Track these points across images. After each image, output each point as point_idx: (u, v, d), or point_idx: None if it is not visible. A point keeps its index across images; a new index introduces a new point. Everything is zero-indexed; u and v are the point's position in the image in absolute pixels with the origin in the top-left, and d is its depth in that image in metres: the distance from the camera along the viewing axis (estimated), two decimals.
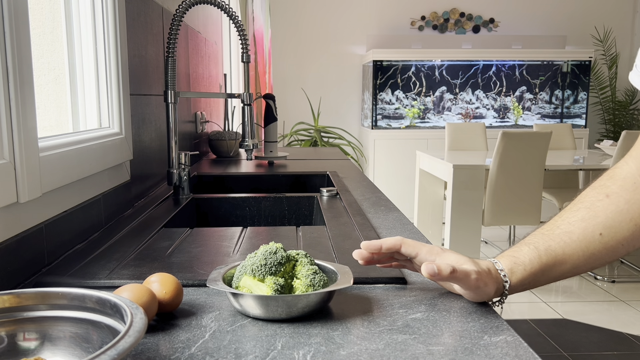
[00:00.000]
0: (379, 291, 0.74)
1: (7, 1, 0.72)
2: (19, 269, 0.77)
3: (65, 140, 0.95)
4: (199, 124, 2.15)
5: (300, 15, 5.15)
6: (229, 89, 3.32)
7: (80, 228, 0.99)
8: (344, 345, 0.58)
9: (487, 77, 4.94)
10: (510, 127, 4.97)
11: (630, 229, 0.69)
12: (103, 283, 0.76)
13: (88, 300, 0.54)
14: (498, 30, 5.23)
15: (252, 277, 0.67)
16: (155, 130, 1.50)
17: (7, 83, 0.73)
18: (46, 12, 1.05)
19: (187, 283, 0.77)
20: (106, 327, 0.52)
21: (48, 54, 1.05)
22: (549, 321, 2.86)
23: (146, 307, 0.61)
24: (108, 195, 1.14)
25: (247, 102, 1.50)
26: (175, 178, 1.42)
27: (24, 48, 0.76)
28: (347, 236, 1.02)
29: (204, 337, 0.60)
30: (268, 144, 2.12)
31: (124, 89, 1.21)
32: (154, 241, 0.99)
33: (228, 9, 1.39)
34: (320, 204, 1.34)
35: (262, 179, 1.84)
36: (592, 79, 5.22)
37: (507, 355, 0.56)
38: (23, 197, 0.76)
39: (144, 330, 0.46)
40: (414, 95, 4.93)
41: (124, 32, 1.22)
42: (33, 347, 0.53)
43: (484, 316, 0.66)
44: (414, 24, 5.19)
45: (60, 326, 0.54)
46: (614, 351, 2.53)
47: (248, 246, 0.97)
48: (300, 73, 5.23)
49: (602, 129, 5.41)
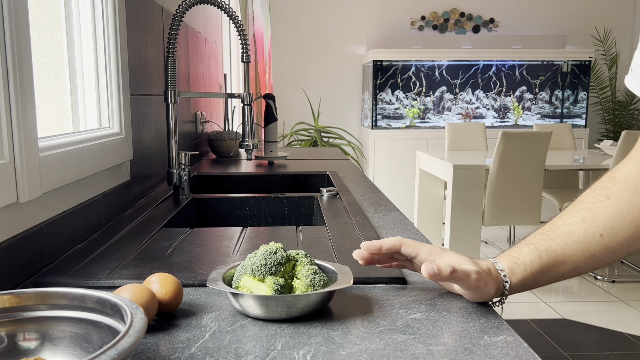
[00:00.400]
0: (379, 291, 0.74)
1: (7, 1, 0.72)
2: (19, 269, 0.77)
3: (65, 140, 0.95)
4: (199, 124, 2.15)
5: (300, 15, 5.15)
6: (229, 89, 3.32)
7: (80, 228, 0.99)
8: (344, 345, 0.58)
9: (487, 77, 4.94)
10: (510, 127, 4.97)
11: (630, 230, 0.69)
12: (103, 283, 0.76)
13: (88, 300, 0.54)
14: (498, 30, 5.23)
15: (252, 277, 0.67)
16: (155, 130, 1.50)
17: (7, 83, 0.73)
18: (46, 12, 1.05)
19: (187, 283, 0.77)
20: (106, 327, 0.52)
21: (48, 54, 1.05)
22: (549, 321, 2.86)
23: (146, 307, 0.61)
24: (108, 195, 1.14)
25: (247, 102, 1.50)
26: (175, 178, 1.42)
27: (24, 48, 0.76)
28: (347, 236, 1.02)
29: (204, 337, 0.60)
30: (268, 144, 2.12)
31: (124, 89, 1.21)
32: (154, 241, 0.99)
33: (228, 9, 1.39)
34: (320, 204, 1.34)
35: (262, 179, 1.84)
36: (592, 79, 5.22)
37: (507, 355, 0.56)
38: (23, 197, 0.76)
39: (144, 330, 0.46)
40: (414, 95, 4.93)
41: (124, 32, 1.22)
42: (33, 347, 0.53)
43: (484, 316, 0.66)
44: (414, 24, 5.19)
45: (61, 326, 0.54)
46: (614, 351, 2.53)
47: (248, 246, 0.97)
48: (300, 73, 5.23)
49: (602, 129, 5.41)
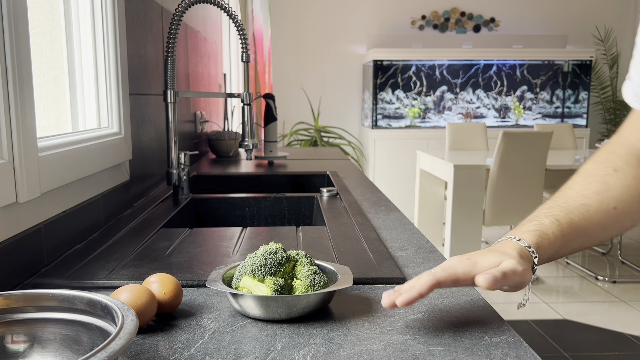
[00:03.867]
0: (379, 291, 0.74)
1: (6, 1, 0.72)
2: (18, 269, 0.77)
3: (64, 140, 0.95)
4: (199, 124, 2.15)
5: (300, 15, 5.14)
6: (229, 88, 3.31)
7: (79, 228, 0.98)
8: (344, 346, 0.58)
9: (487, 77, 4.94)
10: (511, 127, 4.96)
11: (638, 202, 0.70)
12: (102, 283, 0.76)
13: (78, 301, 0.53)
14: (499, 30, 5.23)
15: (252, 277, 0.67)
16: (155, 130, 1.50)
17: (7, 82, 0.73)
18: (45, 11, 1.05)
19: (187, 283, 0.76)
20: (97, 329, 0.51)
21: (47, 54, 1.04)
22: (549, 322, 2.86)
23: (145, 307, 0.60)
24: (107, 195, 1.13)
25: (247, 102, 1.50)
26: (175, 178, 1.42)
27: (23, 47, 0.76)
28: (347, 236, 1.01)
29: (204, 337, 0.60)
30: (268, 143, 2.11)
31: (123, 89, 1.21)
32: (153, 241, 0.99)
33: (228, 8, 1.38)
34: (320, 204, 1.34)
35: (261, 179, 1.83)
36: (593, 78, 5.22)
37: (508, 355, 0.56)
38: (22, 197, 0.75)
39: (135, 332, 0.46)
40: (414, 94, 4.92)
41: (124, 32, 1.22)
42: (22, 350, 0.53)
43: (485, 316, 0.65)
44: (414, 24, 5.19)
45: (50, 328, 0.53)
46: (615, 352, 2.53)
47: (248, 246, 0.96)
48: (300, 73, 5.23)
49: (603, 129, 5.40)
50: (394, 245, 0.96)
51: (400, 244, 0.98)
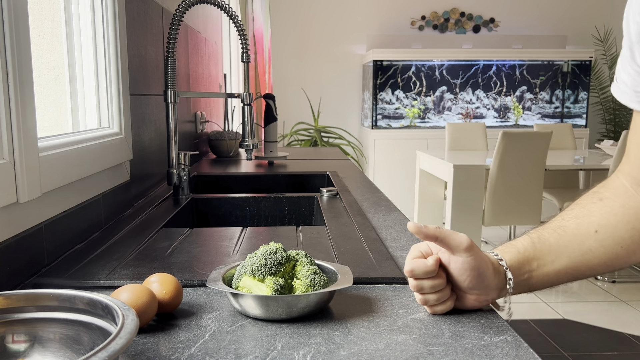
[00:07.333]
0: (379, 291, 0.74)
1: (6, 1, 0.72)
2: (18, 269, 0.77)
3: (65, 140, 0.95)
4: (199, 124, 2.15)
5: (300, 15, 5.15)
6: (229, 88, 3.32)
7: (79, 228, 0.98)
8: (344, 346, 0.58)
9: (487, 77, 4.94)
10: (511, 127, 4.96)
11: (628, 231, 0.69)
12: (103, 283, 0.76)
13: (79, 301, 0.53)
14: (498, 30, 5.23)
15: (252, 277, 0.67)
16: (155, 130, 1.50)
17: (7, 83, 0.73)
18: (46, 11, 1.05)
19: (187, 283, 0.76)
20: (97, 329, 0.51)
21: (48, 54, 1.05)
22: (549, 321, 2.86)
23: (146, 307, 0.61)
24: (108, 195, 1.14)
25: (247, 102, 1.50)
26: (175, 178, 1.42)
27: (24, 48, 0.76)
28: (347, 236, 1.02)
29: (204, 337, 0.60)
30: (268, 144, 2.11)
31: (123, 89, 1.21)
32: (153, 241, 0.99)
33: (228, 8, 1.39)
34: (320, 204, 1.34)
35: (262, 179, 1.84)
36: (593, 78, 5.22)
37: (508, 355, 0.56)
38: (23, 197, 0.75)
39: (135, 331, 0.46)
40: (414, 95, 4.93)
41: (124, 32, 1.22)
42: (23, 349, 0.53)
43: (484, 316, 0.66)
44: (414, 24, 5.19)
45: (51, 328, 0.53)
46: (614, 351, 2.53)
47: (248, 246, 0.96)
48: (300, 73, 5.23)
49: (603, 129, 5.40)
50: (393, 245, 0.97)
51: (400, 244, 0.98)
